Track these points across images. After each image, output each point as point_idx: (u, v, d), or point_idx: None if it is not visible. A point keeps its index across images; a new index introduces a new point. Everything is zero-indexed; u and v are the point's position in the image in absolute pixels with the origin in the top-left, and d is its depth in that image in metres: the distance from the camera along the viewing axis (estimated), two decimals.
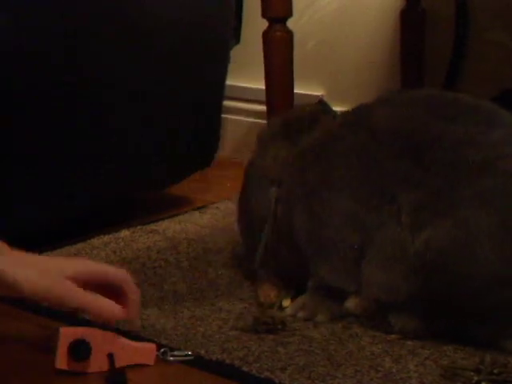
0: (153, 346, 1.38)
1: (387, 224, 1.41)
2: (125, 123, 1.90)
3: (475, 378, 1.28)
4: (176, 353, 1.38)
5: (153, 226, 1.96)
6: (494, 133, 1.40)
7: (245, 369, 1.35)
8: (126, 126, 1.91)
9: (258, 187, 1.59)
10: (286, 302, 1.54)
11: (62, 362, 1.32)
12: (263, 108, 2.12)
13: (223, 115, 2.17)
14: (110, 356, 1.33)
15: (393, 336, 1.44)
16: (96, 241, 1.86)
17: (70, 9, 1.74)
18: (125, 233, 1.91)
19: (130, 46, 1.87)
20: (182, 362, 1.37)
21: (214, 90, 2.09)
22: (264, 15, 2.01)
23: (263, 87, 2.07)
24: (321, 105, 2.37)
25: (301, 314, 1.50)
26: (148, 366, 1.37)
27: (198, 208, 2.09)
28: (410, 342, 1.42)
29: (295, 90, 2.07)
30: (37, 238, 1.80)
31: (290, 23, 2.02)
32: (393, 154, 1.42)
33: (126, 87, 1.88)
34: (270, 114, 2.07)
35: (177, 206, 2.12)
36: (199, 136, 2.08)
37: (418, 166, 1.40)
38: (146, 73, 1.91)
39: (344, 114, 1.59)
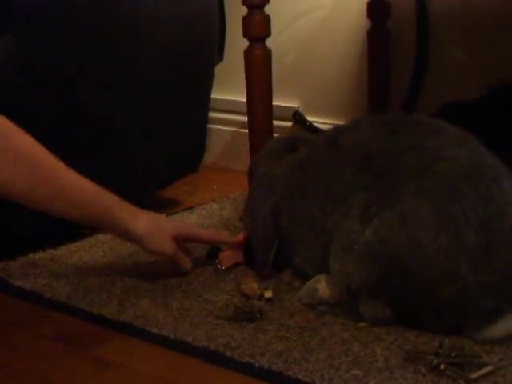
0: None
1: (341, 222, 1.44)
2: (123, 134, 1.90)
3: (435, 361, 1.28)
4: None
5: None
6: (434, 141, 1.42)
7: (228, 354, 1.34)
8: (124, 137, 1.90)
9: (265, 195, 1.62)
10: (268, 293, 1.54)
11: None
12: (245, 119, 2.12)
13: (209, 125, 2.16)
14: None
15: (361, 324, 1.43)
16: (93, 239, 1.85)
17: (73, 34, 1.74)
18: None
19: (128, 66, 1.86)
20: None
21: (201, 103, 2.09)
22: (245, 35, 2.01)
23: (245, 100, 2.06)
24: (296, 115, 2.39)
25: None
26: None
27: (187, 209, 2.08)
28: (376, 329, 1.41)
29: (273, 103, 2.06)
30: (39, 237, 1.80)
31: (269, 42, 2.02)
32: (350, 166, 1.46)
33: (125, 102, 1.87)
34: (251, 123, 2.07)
35: (167, 207, 2.11)
36: (187, 144, 2.08)
37: (368, 171, 1.43)
38: (142, 89, 1.91)
39: (325, 133, 1.64)
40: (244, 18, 2.01)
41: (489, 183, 1.36)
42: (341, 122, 2.22)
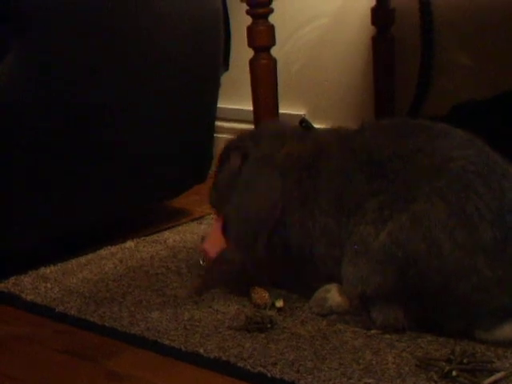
0: None
1: (355, 229, 1.43)
2: (130, 146, 1.90)
3: (447, 368, 1.28)
4: None
5: (155, 237, 1.95)
6: (443, 142, 1.43)
7: (240, 365, 1.34)
8: (132, 149, 1.90)
9: (266, 175, 1.56)
10: (279, 303, 1.53)
11: None
12: (251, 127, 2.11)
13: (215, 135, 2.17)
14: None
15: (372, 331, 1.43)
16: (104, 251, 1.85)
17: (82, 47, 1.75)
18: (130, 243, 1.90)
19: (136, 75, 1.87)
20: None
21: (207, 112, 2.09)
22: (250, 45, 2.01)
23: (251, 108, 2.07)
24: (303, 123, 2.39)
25: None
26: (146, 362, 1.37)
27: (196, 219, 2.08)
28: (387, 336, 1.41)
29: (280, 110, 2.06)
30: (50, 250, 1.80)
31: (274, 51, 2.02)
32: (361, 174, 1.45)
33: (130, 113, 1.87)
34: None
35: (176, 217, 2.11)
36: (195, 154, 2.08)
37: (380, 176, 1.43)
38: (148, 99, 1.91)
39: (330, 133, 1.59)
40: (248, 28, 2.01)
41: (499, 179, 1.38)
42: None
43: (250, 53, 2.02)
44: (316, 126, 2.38)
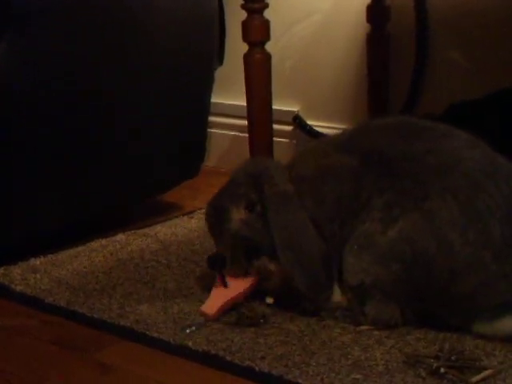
0: None
1: (359, 226, 1.44)
2: (124, 139, 1.90)
3: (435, 365, 1.28)
4: None
5: (146, 230, 1.95)
6: (451, 143, 1.45)
7: (228, 358, 1.35)
8: (125, 142, 1.90)
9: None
10: (269, 299, 1.53)
11: None
12: (245, 123, 2.12)
13: (209, 129, 2.17)
14: None
15: (361, 327, 1.44)
16: (94, 244, 1.85)
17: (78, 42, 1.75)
18: (121, 236, 1.90)
19: (131, 68, 1.87)
20: None
21: (201, 107, 2.09)
22: (245, 39, 2.02)
23: (244, 104, 2.07)
24: (297, 119, 2.40)
25: None
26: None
27: (187, 213, 2.08)
28: (376, 332, 1.42)
29: (274, 106, 2.07)
30: (40, 242, 1.80)
31: (269, 46, 2.03)
32: (371, 175, 1.45)
33: (125, 106, 1.88)
34: (250, 128, 2.07)
35: (168, 211, 2.11)
36: (188, 149, 2.08)
37: (388, 175, 1.44)
38: (142, 94, 1.91)
39: (335, 141, 1.57)
40: (243, 23, 2.01)
41: (506, 179, 1.41)
42: (341, 126, 2.23)
43: (245, 47, 2.03)
44: (309, 122, 2.40)
